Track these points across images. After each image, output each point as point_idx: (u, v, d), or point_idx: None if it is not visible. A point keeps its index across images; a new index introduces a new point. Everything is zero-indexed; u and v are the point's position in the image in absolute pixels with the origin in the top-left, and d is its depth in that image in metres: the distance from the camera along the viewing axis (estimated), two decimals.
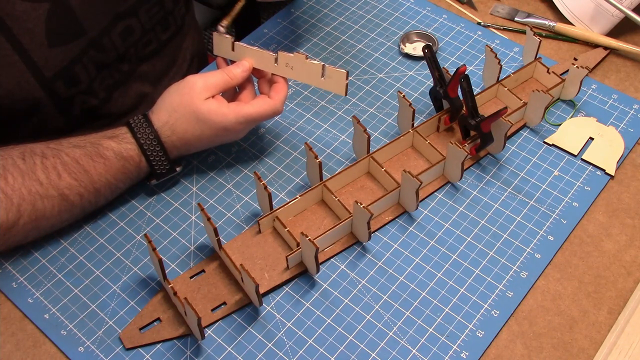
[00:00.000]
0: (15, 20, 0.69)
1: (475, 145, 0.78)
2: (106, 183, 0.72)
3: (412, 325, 0.67)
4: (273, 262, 0.71)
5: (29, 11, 0.70)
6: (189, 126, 0.73)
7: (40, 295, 0.70)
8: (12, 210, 0.66)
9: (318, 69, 0.73)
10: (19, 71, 0.72)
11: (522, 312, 0.68)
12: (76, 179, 0.70)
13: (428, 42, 0.92)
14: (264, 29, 0.97)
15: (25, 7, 0.69)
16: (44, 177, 0.68)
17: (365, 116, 0.85)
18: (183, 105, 0.72)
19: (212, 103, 0.72)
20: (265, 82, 0.77)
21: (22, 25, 0.70)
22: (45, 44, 0.72)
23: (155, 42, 0.87)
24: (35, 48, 0.72)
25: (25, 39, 0.71)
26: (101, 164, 0.71)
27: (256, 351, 0.66)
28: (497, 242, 0.73)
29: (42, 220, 0.69)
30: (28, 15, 0.70)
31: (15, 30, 0.70)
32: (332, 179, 0.75)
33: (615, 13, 0.90)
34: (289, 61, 0.74)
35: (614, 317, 0.68)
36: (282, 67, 0.75)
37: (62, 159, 0.70)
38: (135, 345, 0.66)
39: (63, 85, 0.77)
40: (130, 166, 0.72)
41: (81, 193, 0.70)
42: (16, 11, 0.69)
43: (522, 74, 0.86)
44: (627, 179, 0.78)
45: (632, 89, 0.87)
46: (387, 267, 0.72)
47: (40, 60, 0.73)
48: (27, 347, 0.67)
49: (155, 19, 0.85)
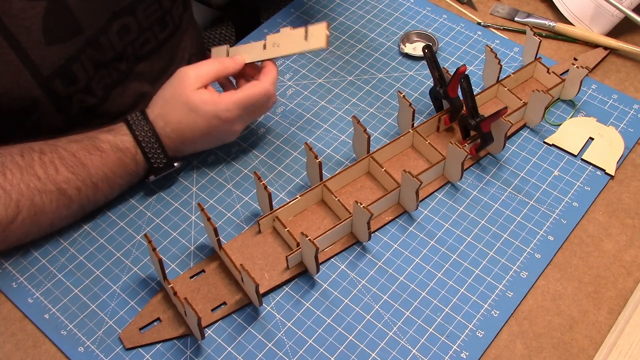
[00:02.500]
0: (12, 18, 0.69)
1: (475, 145, 0.78)
2: (104, 177, 0.72)
3: (412, 325, 0.67)
4: (273, 262, 0.71)
5: (26, 9, 0.70)
6: (182, 116, 0.73)
7: (40, 295, 0.70)
8: (10, 206, 0.67)
9: (301, 33, 0.76)
10: (17, 69, 0.72)
11: (522, 312, 0.68)
12: (73, 172, 0.70)
13: (428, 42, 0.92)
14: (264, 29, 0.97)
15: (22, 5, 0.69)
16: (42, 172, 0.69)
17: (365, 116, 0.85)
18: (175, 95, 0.73)
19: (203, 92, 0.73)
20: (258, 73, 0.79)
21: (19, 23, 0.70)
22: (42, 42, 0.72)
23: (153, 41, 0.87)
24: (33, 46, 0.72)
25: (22, 37, 0.71)
26: (98, 157, 0.71)
27: (256, 351, 0.66)
28: (497, 242, 0.73)
29: (41, 215, 0.69)
30: (25, 13, 0.70)
31: (13, 29, 0.70)
32: (332, 179, 0.75)
33: (615, 13, 0.90)
34: (276, 40, 0.77)
35: (614, 317, 0.68)
36: (270, 49, 0.77)
37: (59, 154, 0.70)
38: (135, 345, 0.66)
39: (61, 83, 0.77)
40: (127, 158, 0.73)
41: (79, 187, 0.71)
42: (13, 9, 0.69)
43: (522, 74, 0.86)
44: (627, 179, 0.78)
45: (632, 89, 0.87)
46: (387, 267, 0.72)
47: (37, 58, 0.73)
48: (27, 347, 0.67)
49: (152, 17, 0.85)
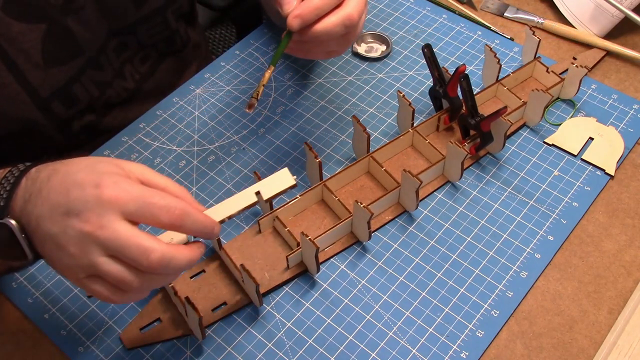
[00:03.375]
0: (10, 41, 0.68)
1: (475, 145, 0.78)
2: None
3: (412, 325, 0.67)
4: (273, 262, 0.71)
5: (25, 32, 0.69)
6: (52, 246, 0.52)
7: (40, 295, 0.70)
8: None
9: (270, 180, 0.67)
10: (14, 92, 0.71)
11: (522, 312, 0.68)
12: None
13: (383, 43, 0.93)
14: (264, 29, 0.97)
15: (21, 28, 0.68)
16: None
17: (365, 116, 0.85)
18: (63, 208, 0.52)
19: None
20: None
21: (18, 46, 0.69)
22: (41, 65, 0.71)
23: (155, 57, 0.87)
24: (31, 69, 0.71)
25: (21, 59, 0.70)
26: None
27: (256, 351, 0.66)
28: (497, 242, 0.73)
29: None
30: (24, 36, 0.69)
31: (10, 52, 0.69)
32: (332, 178, 0.75)
33: (616, 13, 0.90)
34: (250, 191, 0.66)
35: (614, 317, 0.68)
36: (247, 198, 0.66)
37: None
38: (136, 346, 0.66)
39: (60, 104, 0.75)
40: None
41: None
42: (12, 32, 0.68)
43: (521, 74, 0.86)
44: (627, 179, 0.78)
45: (632, 89, 0.87)
46: (387, 267, 0.72)
47: (35, 80, 0.72)
48: (27, 347, 0.67)
49: (157, 37, 0.85)
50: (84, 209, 0.50)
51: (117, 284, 0.51)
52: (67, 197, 0.50)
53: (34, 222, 0.52)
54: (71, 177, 0.52)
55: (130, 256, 0.50)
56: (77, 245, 0.50)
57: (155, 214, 0.50)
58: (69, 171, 0.53)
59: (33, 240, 0.54)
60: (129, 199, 0.50)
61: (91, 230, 0.49)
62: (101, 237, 0.49)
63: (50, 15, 0.70)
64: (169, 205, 0.51)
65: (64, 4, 0.71)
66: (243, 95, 0.88)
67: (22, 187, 0.54)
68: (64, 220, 0.50)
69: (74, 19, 0.72)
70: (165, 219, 0.51)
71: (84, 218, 0.49)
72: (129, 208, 0.50)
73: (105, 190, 0.50)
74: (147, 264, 0.50)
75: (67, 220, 0.50)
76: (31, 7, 0.69)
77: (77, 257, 0.50)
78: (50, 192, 0.52)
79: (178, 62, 0.93)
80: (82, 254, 0.50)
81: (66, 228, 0.50)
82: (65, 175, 0.52)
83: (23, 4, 0.68)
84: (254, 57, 0.92)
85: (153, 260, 0.49)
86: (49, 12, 0.70)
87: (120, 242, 0.49)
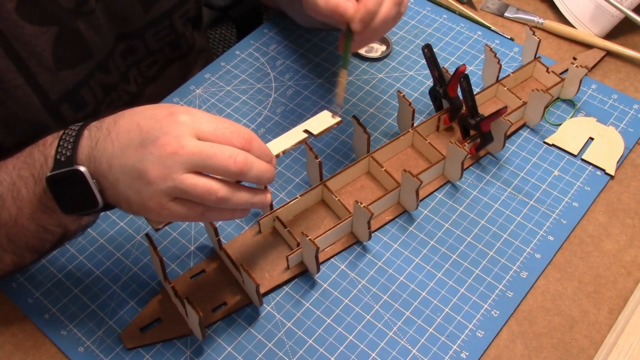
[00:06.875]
0: (23, 44, 0.68)
1: (475, 145, 0.78)
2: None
3: (412, 325, 0.67)
4: (273, 262, 0.71)
5: (37, 35, 0.69)
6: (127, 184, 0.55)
7: (40, 295, 0.70)
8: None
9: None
10: (24, 94, 0.71)
11: (522, 312, 0.68)
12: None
13: (383, 43, 0.93)
14: (264, 29, 0.97)
15: (33, 31, 0.69)
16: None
17: (365, 116, 0.85)
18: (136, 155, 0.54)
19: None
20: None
21: (30, 48, 0.69)
22: (52, 67, 0.72)
23: (162, 62, 0.87)
24: (42, 71, 0.71)
25: (32, 62, 0.70)
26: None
27: (256, 351, 0.66)
28: (497, 242, 0.73)
29: None
30: (36, 39, 0.69)
31: (23, 54, 0.69)
32: (332, 178, 0.75)
33: (616, 13, 0.90)
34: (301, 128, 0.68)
35: (614, 317, 0.68)
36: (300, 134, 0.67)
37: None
38: (136, 346, 0.66)
39: (69, 108, 0.76)
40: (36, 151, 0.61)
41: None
42: (25, 35, 0.68)
43: (521, 74, 0.86)
44: (627, 179, 0.78)
45: (632, 89, 0.87)
46: (387, 267, 0.72)
47: (46, 83, 0.72)
48: (27, 347, 0.67)
49: (163, 41, 0.85)
50: (160, 134, 0.53)
51: (203, 196, 0.54)
52: (139, 131, 0.54)
53: (105, 164, 0.55)
54: (138, 114, 0.56)
55: (217, 164, 0.53)
56: (158, 168, 0.52)
57: (227, 136, 0.55)
58: (135, 111, 0.56)
59: (104, 184, 0.56)
60: (204, 120, 0.54)
61: (173, 151, 0.52)
62: (185, 155, 0.52)
63: (61, 18, 0.70)
64: (238, 130, 0.56)
65: (75, 7, 0.71)
66: (243, 95, 0.88)
67: (86, 136, 0.57)
68: (138, 151, 0.53)
69: (85, 23, 0.73)
70: (237, 142, 0.55)
71: (162, 142, 0.52)
72: (204, 128, 0.54)
73: (180, 115, 0.54)
74: (235, 166, 0.53)
75: (143, 150, 0.53)
76: (43, 9, 0.69)
77: (159, 181, 0.53)
78: (120, 132, 0.55)
79: (182, 68, 0.93)
80: (165, 176, 0.52)
81: (143, 156, 0.53)
82: (131, 114, 0.56)
83: (35, 6, 0.68)
84: (254, 57, 0.92)
85: (239, 162, 0.54)
86: (60, 15, 0.70)
87: (206, 153, 0.53)
